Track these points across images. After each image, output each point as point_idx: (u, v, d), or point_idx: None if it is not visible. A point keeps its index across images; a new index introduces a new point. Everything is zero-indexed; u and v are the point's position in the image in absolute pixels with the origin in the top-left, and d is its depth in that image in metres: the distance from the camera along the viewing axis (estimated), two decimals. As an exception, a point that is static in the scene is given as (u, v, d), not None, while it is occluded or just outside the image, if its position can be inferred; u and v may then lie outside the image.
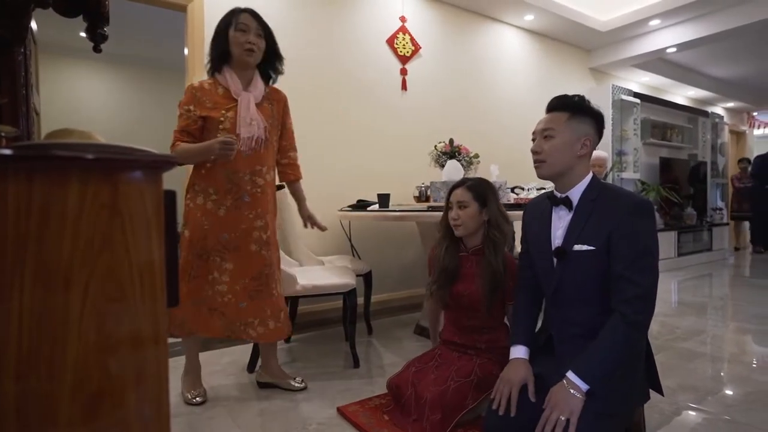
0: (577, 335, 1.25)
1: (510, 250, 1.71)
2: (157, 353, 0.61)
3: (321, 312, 3.08)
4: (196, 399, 1.80)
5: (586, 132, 1.26)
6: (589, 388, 1.11)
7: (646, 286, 1.13)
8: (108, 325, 0.56)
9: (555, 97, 1.32)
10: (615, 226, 1.17)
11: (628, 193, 1.24)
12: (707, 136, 6.56)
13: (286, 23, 3.06)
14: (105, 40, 1.21)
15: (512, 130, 4.40)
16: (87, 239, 0.54)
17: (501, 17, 4.27)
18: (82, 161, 0.53)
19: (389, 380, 1.70)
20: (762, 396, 1.85)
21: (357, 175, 3.33)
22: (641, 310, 1.12)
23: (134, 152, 0.58)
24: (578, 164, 1.27)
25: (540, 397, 1.20)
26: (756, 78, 6.93)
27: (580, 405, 1.09)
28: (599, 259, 1.19)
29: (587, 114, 1.27)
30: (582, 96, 1.30)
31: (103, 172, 0.55)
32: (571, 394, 1.11)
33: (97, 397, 0.55)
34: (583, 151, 1.25)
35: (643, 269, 1.14)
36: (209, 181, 1.72)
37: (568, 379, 1.13)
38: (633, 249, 1.14)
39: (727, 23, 4.23)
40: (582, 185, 1.26)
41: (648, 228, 1.17)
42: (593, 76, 5.37)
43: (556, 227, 1.30)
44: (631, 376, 1.20)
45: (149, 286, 0.60)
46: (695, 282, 4.53)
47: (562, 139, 1.25)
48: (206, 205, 1.72)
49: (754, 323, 2.94)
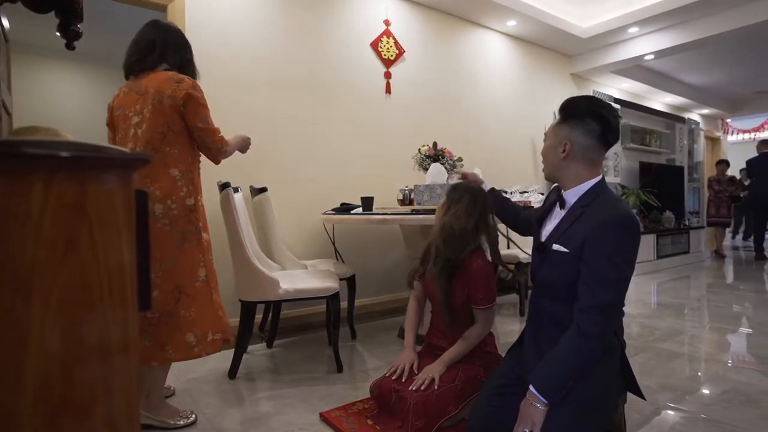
0: (547, 323, 1.29)
1: (495, 256, 1.69)
2: (127, 362, 0.58)
3: (304, 317, 3.05)
4: (191, 417, 1.68)
5: (566, 135, 1.26)
6: (547, 401, 1.12)
7: (605, 299, 1.11)
8: (74, 332, 0.53)
9: None
10: (589, 235, 1.16)
11: (617, 205, 1.20)
12: (684, 142, 6.73)
13: (269, 26, 3.04)
14: (78, 37, 1.17)
15: (496, 134, 4.44)
16: (51, 242, 0.51)
17: (484, 22, 4.31)
18: (46, 159, 0.50)
19: (372, 385, 1.68)
20: (737, 394, 1.88)
21: (341, 179, 3.31)
22: (595, 321, 1.10)
23: (104, 150, 0.56)
24: (567, 166, 1.27)
25: (521, 394, 1.22)
26: (729, 86, 7.14)
27: (542, 416, 1.12)
28: (571, 263, 1.19)
29: (575, 117, 1.26)
30: (581, 98, 1.29)
31: (70, 171, 0.53)
32: (533, 406, 1.13)
33: (61, 409, 0.52)
34: (564, 154, 1.26)
35: (606, 282, 1.12)
36: (199, 179, 1.70)
37: (530, 392, 1.15)
38: (600, 260, 1.13)
39: (702, 32, 4.35)
40: (580, 189, 1.26)
41: (622, 243, 1.14)
42: (575, 82, 5.45)
43: (551, 223, 1.33)
44: (609, 372, 1.20)
45: (119, 291, 0.57)
46: (674, 284, 4.62)
47: (549, 142, 1.31)
48: (204, 205, 1.70)
49: (730, 323, 3.01)
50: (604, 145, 1.26)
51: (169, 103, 1.54)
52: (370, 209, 2.62)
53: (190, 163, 1.62)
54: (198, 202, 1.63)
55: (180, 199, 1.56)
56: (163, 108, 1.54)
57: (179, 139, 1.59)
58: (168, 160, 1.55)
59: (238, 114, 2.87)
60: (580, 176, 1.26)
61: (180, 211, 1.55)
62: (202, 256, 1.61)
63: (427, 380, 1.53)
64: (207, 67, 2.79)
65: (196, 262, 1.59)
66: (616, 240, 1.14)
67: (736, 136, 9.21)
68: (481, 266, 1.62)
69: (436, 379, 1.53)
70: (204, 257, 1.62)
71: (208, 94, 2.87)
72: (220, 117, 2.83)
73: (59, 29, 1.16)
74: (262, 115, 2.96)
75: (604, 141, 1.25)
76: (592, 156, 1.26)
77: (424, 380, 1.53)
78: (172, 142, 1.57)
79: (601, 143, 1.25)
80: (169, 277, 1.53)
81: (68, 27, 1.13)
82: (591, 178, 1.25)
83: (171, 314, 1.52)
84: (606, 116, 1.23)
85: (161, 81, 1.56)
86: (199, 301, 1.58)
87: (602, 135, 1.24)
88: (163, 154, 1.54)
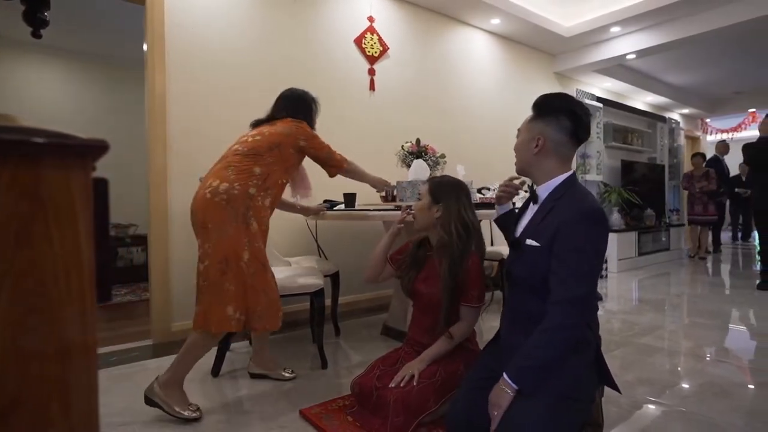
0: (521, 318, 1.30)
1: (480, 254, 1.67)
2: (85, 359, 0.56)
3: (288, 314, 3.01)
4: (197, 412, 1.67)
5: (540, 131, 1.28)
6: (517, 387, 1.13)
7: (577, 292, 1.13)
8: (27, 328, 0.50)
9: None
10: (560, 228, 1.18)
11: (585, 199, 1.22)
12: (665, 141, 6.85)
13: (250, 21, 2.99)
14: (46, 25, 1.13)
15: (479, 131, 4.45)
16: (2, 233, 0.49)
17: (468, 20, 4.32)
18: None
19: (353, 381, 1.67)
20: (713, 387, 1.92)
21: (323, 175, 3.28)
22: (568, 313, 1.12)
23: (60, 136, 0.53)
24: (540, 161, 1.29)
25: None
26: (708, 86, 7.29)
27: (509, 399, 1.13)
28: (542, 257, 1.20)
29: (548, 113, 1.28)
30: (555, 95, 1.31)
31: (23, 158, 0.50)
32: (502, 390, 1.15)
33: (12, 409, 0.49)
34: (537, 149, 1.28)
35: (577, 275, 1.13)
36: (278, 192, 1.92)
37: (502, 378, 1.17)
38: (570, 253, 1.15)
39: (681, 32, 4.43)
40: (552, 183, 1.28)
41: (591, 236, 1.16)
42: (558, 81, 5.50)
43: (525, 219, 1.34)
44: (583, 364, 1.21)
45: (77, 285, 0.55)
46: (654, 280, 4.70)
47: (522, 137, 1.33)
48: (269, 209, 1.88)
49: (707, 318, 3.07)
50: (575, 141, 1.29)
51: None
52: (353, 206, 2.61)
53: (274, 170, 1.86)
54: (259, 199, 1.79)
55: (244, 186, 1.74)
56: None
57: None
58: (260, 162, 1.82)
59: (219, 111, 2.83)
60: (552, 171, 1.29)
61: (241, 193, 1.73)
62: (248, 241, 1.72)
63: (407, 376, 1.52)
64: (187, 63, 2.74)
65: (242, 244, 1.70)
66: (585, 233, 1.15)
67: (715, 136, 9.41)
68: (477, 263, 1.61)
69: (416, 375, 1.52)
70: (249, 243, 1.72)
71: (188, 91, 2.84)
72: (201, 115, 2.79)
73: (25, 17, 1.11)
74: (243, 112, 2.91)
75: (575, 137, 1.28)
76: (564, 152, 1.29)
77: (404, 376, 1.52)
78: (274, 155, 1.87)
79: (573, 140, 1.28)
80: (219, 247, 1.68)
81: (34, 14, 1.09)
82: (562, 173, 1.28)
83: (216, 285, 1.66)
84: (578, 113, 1.26)
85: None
86: (238, 280, 1.68)
87: (574, 132, 1.27)
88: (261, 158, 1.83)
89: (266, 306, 1.73)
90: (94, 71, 4.94)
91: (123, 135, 4.64)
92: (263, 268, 1.76)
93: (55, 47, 4.61)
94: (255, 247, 1.74)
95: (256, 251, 1.74)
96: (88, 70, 4.92)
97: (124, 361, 2.30)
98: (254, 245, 1.74)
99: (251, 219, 1.75)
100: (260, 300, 1.72)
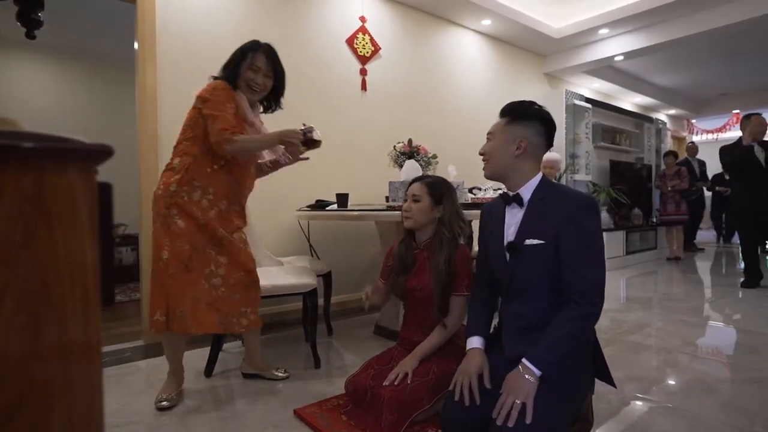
0: (524, 327, 1.30)
1: (470, 245, 1.74)
2: (89, 361, 0.56)
3: (280, 314, 3.02)
4: (162, 403, 1.74)
5: (521, 134, 1.32)
6: (542, 373, 1.16)
7: (596, 278, 1.19)
8: (31, 331, 0.51)
9: (505, 105, 1.40)
10: (563, 222, 1.22)
11: (574, 191, 1.32)
12: (652, 141, 6.94)
13: (243, 21, 2.98)
14: (40, 26, 1.12)
15: (470, 132, 4.48)
16: (6, 236, 0.49)
17: (459, 21, 4.35)
18: (2, 149, 0.48)
19: (347, 380, 1.69)
20: (699, 383, 1.96)
21: (315, 176, 3.28)
22: (592, 301, 1.18)
23: (64, 141, 0.54)
24: (520, 164, 1.33)
25: (493, 387, 1.26)
26: (693, 87, 7.42)
27: (534, 389, 1.15)
28: (548, 253, 1.24)
29: (526, 118, 1.34)
30: (529, 102, 1.37)
31: (27, 162, 0.51)
32: (525, 378, 1.16)
33: (16, 411, 0.50)
34: (519, 152, 1.32)
35: (592, 262, 1.20)
36: (212, 181, 1.77)
37: (523, 364, 1.18)
38: (581, 243, 1.21)
39: (669, 34, 4.51)
40: (532, 184, 1.33)
41: (593, 224, 1.23)
42: (548, 81, 5.56)
43: (509, 224, 1.36)
44: (583, 362, 1.25)
45: (81, 288, 0.55)
46: (642, 279, 4.78)
47: (498, 141, 1.35)
48: (201, 202, 1.76)
49: (693, 316, 3.13)
50: (548, 145, 1.37)
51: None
52: (345, 206, 2.62)
53: (193, 155, 1.75)
54: (185, 195, 1.72)
55: (166, 185, 1.71)
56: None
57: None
58: (177, 151, 1.78)
59: (211, 109, 2.81)
60: (529, 173, 1.34)
61: (163, 192, 1.71)
62: (168, 241, 1.69)
63: (401, 375, 1.54)
64: (177, 61, 2.72)
65: (161, 245, 1.69)
66: (589, 222, 1.23)
67: (700, 136, 9.58)
68: (466, 252, 1.68)
69: (410, 373, 1.54)
70: (170, 243, 1.69)
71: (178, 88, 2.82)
72: (193, 111, 2.77)
73: (18, 17, 1.10)
74: (236, 110, 2.90)
75: (548, 141, 1.36)
76: (539, 154, 1.37)
77: (397, 375, 1.54)
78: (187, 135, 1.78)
79: (546, 143, 1.36)
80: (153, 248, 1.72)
81: (28, 15, 1.08)
82: (536, 174, 1.34)
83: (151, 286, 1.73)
84: (551, 120, 1.36)
85: None
86: (156, 281, 1.70)
87: (547, 136, 1.35)
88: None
89: (191, 308, 1.69)
90: (84, 69, 4.89)
91: (113, 134, 4.57)
92: (185, 269, 1.69)
93: (46, 46, 4.54)
94: (176, 247, 1.69)
95: (178, 251, 1.68)
96: (78, 69, 4.86)
97: (117, 362, 2.29)
98: (176, 245, 1.69)
99: (175, 218, 1.70)
100: (181, 302, 1.68)
